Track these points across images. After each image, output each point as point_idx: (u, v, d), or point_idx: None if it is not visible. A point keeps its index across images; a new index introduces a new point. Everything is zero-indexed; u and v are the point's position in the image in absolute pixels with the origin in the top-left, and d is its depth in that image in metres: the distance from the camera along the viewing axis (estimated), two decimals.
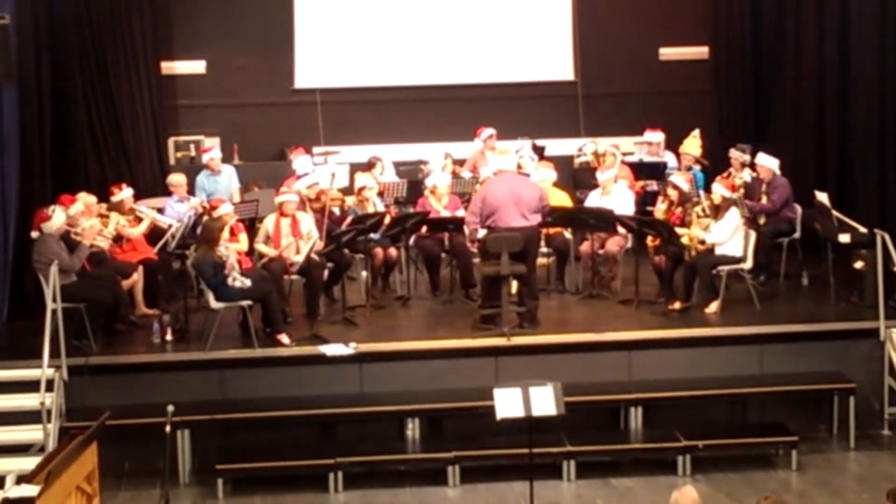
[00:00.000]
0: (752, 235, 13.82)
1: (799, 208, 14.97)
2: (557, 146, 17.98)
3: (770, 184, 14.83)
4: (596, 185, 15.01)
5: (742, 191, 14.76)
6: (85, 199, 13.75)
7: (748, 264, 13.76)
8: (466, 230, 13.67)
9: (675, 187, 14.36)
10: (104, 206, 14.12)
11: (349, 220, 14.25)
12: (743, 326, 13.14)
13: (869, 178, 15.92)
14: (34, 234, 12.88)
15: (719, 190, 13.81)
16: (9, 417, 12.02)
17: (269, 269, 13.42)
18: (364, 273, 14.69)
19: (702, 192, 14.59)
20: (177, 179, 15.29)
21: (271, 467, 11.91)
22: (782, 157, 15.16)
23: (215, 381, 12.51)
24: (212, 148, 16.44)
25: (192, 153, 17.81)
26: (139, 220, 14.31)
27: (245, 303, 12.79)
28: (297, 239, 13.61)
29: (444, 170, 16.04)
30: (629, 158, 16.66)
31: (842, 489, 11.55)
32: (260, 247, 13.79)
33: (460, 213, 14.51)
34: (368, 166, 16.05)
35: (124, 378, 12.44)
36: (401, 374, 12.62)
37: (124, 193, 14.45)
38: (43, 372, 11.79)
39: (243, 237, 13.92)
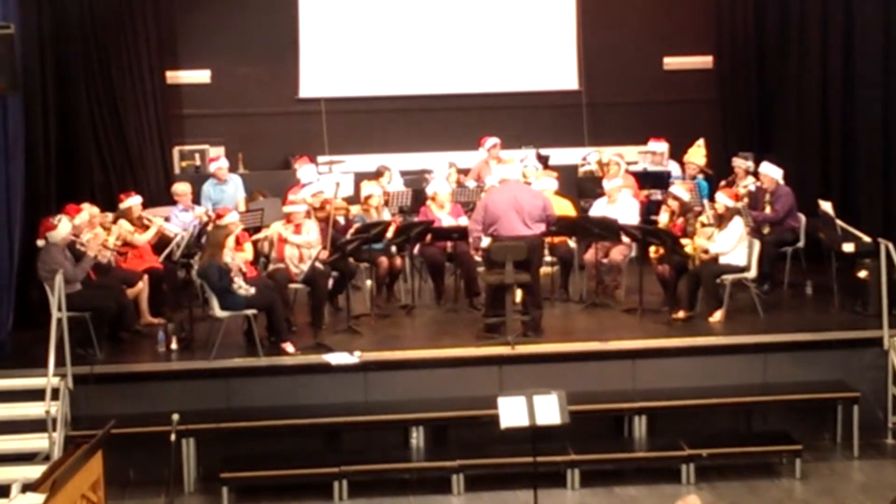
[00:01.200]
0: (756, 244, 13.83)
1: (803, 217, 14.97)
2: (562, 155, 18.01)
3: (773, 193, 14.83)
4: (600, 194, 15.04)
5: (746, 200, 14.77)
6: (87, 210, 13.78)
7: (752, 273, 13.77)
8: (470, 238, 13.69)
9: (676, 198, 14.39)
10: (109, 215, 14.15)
11: (354, 228, 14.27)
12: (747, 335, 13.15)
13: (873, 188, 15.93)
14: (40, 244, 12.91)
15: (723, 199, 13.81)
16: (14, 426, 12.02)
17: (273, 278, 13.45)
18: (368, 282, 14.70)
19: (706, 202, 14.60)
20: (182, 188, 15.32)
21: (276, 476, 11.92)
22: (786, 167, 15.16)
23: (220, 389, 12.53)
24: (219, 157, 16.47)
25: (198, 162, 17.85)
26: (146, 227, 14.35)
27: (249, 312, 12.82)
28: (300, 247, 13.66)
29: (448, 179, 16.05)
30: (633, 168, 16.69)
31: (845, 498, 11.54)
32: (280, 228, 13.78)
33: (463, 220, 14.53)
34: (376, 175, 16.07)
35: (129, 387, 12.46)
36: (405, 383, 12.64)
37: (132, 200, 14.52)
38: (48, 380, 11.79)
39: (248, 246, 13.94)
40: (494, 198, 13.24)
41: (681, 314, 13.67)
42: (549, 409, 10.02)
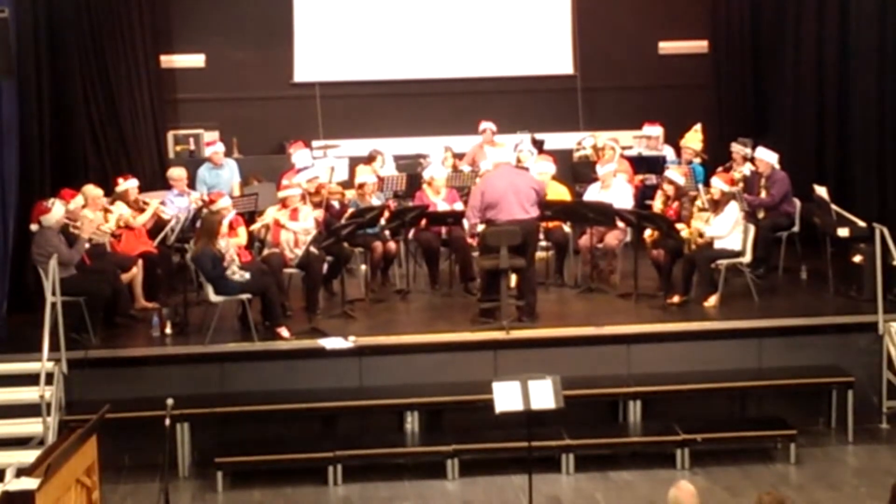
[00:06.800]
0: (751, 229, 13.83)
1: (798, 202, 14.97)
2: (557, 140, 18.01)
3: (769, 178, 14.83)
4: (595, 179, 15.03)
5: (741, 185, 14.77)
6: (91, 192, 13.80)
7: (747, 258, 13.77)
8: (466, 224, 13.69)
9: (671, 182, 14.38)
10: (105, 199, 14.12)
11: (350, 212, 14.26)
12: (742, 320, 13.15)
13: (868, 173, 15.91)
14: (34, 227, 12.88)
15: (718, 184, 13.81)
16: (8, 411, 12.04)
17: (268, 262, 13.44)
18: (363, 267, 14.71)
19: (701, 187, 14.59)
20: (177, 173, 15.30)
21: (270, 460, 11.92)
22: (781, 152, 15.16)
23: (215, 374, 12.52)
24: (215, 142, 16.43)
25: (192, 147, 17.84)
26: (142, 210, 14.34)
27: (244, 296, 12.79)
28: (296, 233, 13.65)
29: (443, 163, 16.05)
30: (628, 152, 16.69)
31: (840, 483, 11.56)
32: (277, 214, 13.78)
33: (458, 206, 14.54)
34: (369, 159, 16.06)
35: (124, 371, 12.44)
36: (400, 368, 12.63)
37: (129, 184, 14.52)
38: (42, 365, 11.81)
39: (242, 231, 13.93)
40: (491, 182, 13.22)
41: (676, 299, 13.66)
42: (543, 394, 10.02)
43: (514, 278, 13.35)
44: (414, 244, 15.13)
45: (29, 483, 8.04)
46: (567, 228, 14.85)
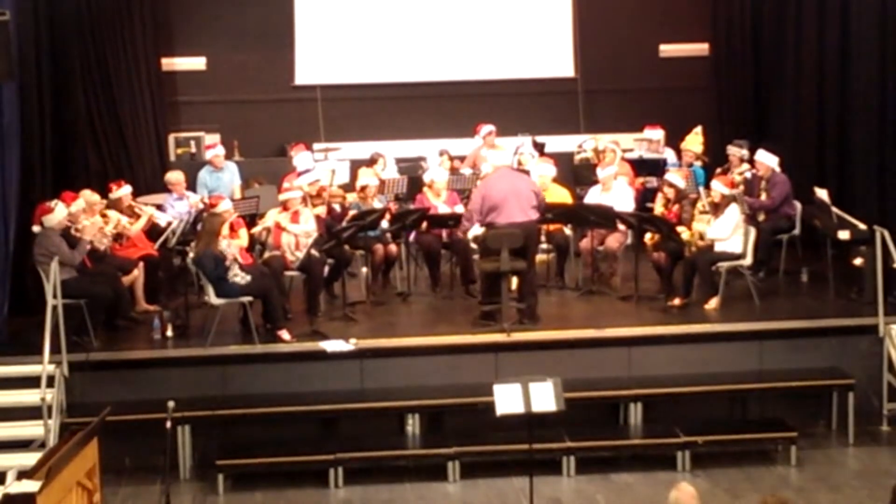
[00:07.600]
0: (752, 232, 13.83)
1: (798, 205, 14.98)
2: (558, 143, 18.01)
3: (769, 180, 14.84)
4: (596, 182, 15.04)
5: (742, 187, 14.78)
6: (88, 198, 13.78)
7: (748, 261, 13.78)
8: (462, 223, 13.67)
9: (671, 185, 14.39)
10: (103, 203, 14.13)
11: (351, 215, 14.26)
12: (742, 323, 13.15)
13: (868, 175, 15.91)
14: (35, 229, 12.88)
15: (718, 187, 13.82)
16: (9, 413, 12.03)
17: (269, 265, 13.44)
18: (364, 269, 14.71)
19: (702, 190, 14.60)
20: (175, 177, 15.31)
21: (272, 463, 11.92)
22: (782, 154, 15.16)
23: (216, 376, 12.53)
24: (216, 145, 16.44)
25: (193, 149, 17.84)
26: (137, 216, 14.33)
27: (245, 299, 12.80)
28: (297, 236, 13.65)
29: (440, 166, 16.05)
30: (629, 155, 16.70)
31: (841, 485, 11.55)
32: (277, 217, 13.78)
33: (459, 209, 14.54)
34: (370, 162, 16.07)
35: (125, 374, 12.45)
36: (401, 370, 12.63)
37: (122, 190, 14.47)
38: (44, 368, 11.80)
39: (243, 233, 13.93)
40: (492, 185, 13.21)
41: (676, 301, 13.67)
42: (544, 397, 10.02)
43: (514, 281, 13.35)
44: (415, 247, 15.15)
45: (30, 486, 8.04)
46: (568, 231, 14.85)
